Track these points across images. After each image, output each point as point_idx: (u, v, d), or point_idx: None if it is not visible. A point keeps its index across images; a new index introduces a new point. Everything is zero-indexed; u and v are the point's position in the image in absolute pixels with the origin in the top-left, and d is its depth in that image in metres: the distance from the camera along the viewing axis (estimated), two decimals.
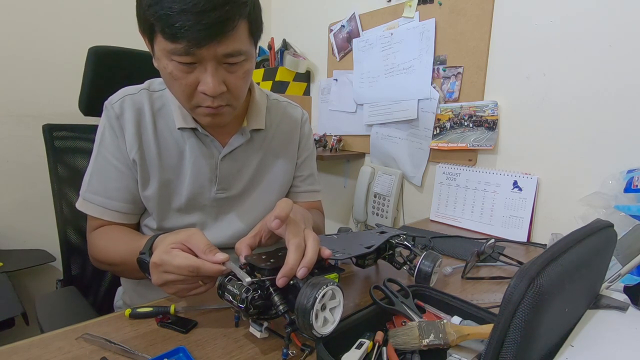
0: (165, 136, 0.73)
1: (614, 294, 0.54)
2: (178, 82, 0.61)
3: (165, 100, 0.74)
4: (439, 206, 1.25)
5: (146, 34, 0.60)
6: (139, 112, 0.72)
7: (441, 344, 0.46)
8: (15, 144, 1.36)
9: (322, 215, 0.95)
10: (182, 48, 0.56)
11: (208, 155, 0.74)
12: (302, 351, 0.49)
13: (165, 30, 0.55)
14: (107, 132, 0.71)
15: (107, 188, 0.71)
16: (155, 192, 0.72)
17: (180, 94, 0.63)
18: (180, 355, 0.48)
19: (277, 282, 0.47)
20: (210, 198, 0.76)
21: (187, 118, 0.72)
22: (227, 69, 0.61)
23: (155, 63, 0.64)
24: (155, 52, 0.61)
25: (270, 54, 1.70)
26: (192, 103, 0.64)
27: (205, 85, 0.60)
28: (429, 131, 1.26)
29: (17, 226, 1.40)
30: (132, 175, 0.72)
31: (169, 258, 0.51)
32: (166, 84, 0.66)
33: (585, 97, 0.94)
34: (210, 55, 0.58)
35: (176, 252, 0.52)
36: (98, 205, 0.71)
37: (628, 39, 0.87)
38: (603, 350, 0.42)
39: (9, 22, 1.30)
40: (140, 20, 0.59)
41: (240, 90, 0.66)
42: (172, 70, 0.59)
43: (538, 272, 0.34)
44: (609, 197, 0.87)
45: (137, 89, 0.73)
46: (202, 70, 0.60)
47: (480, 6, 1.11)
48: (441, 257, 0.67)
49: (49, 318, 0.72)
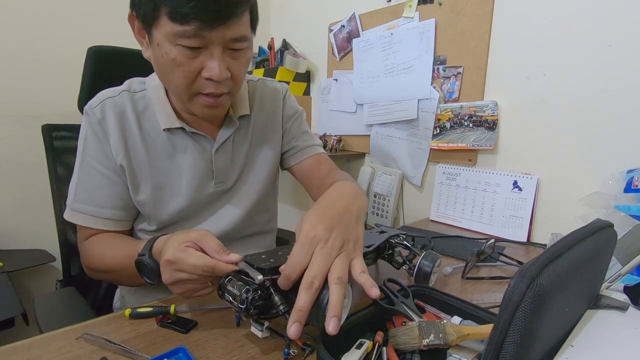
0: (152, 137, 0.71)
1: (614, 294, 0.54)
2: (181, 69, 0.60)
3: (149, 101, 0.72)
4: (439, 206, 1.25)
5: (145, 20, 0.59)
6: (122, 115, 0.69)
7: (441, 344, 0.46)
8: (15, 144, 1.36)
9: (345, 173, 0.80)
10: (191, 30, 0.55)
11: (201, 151, 0.73)
12: (303, 350, 0.49)
13: (176, 10, 0.54)
14: (90, 138, 0.69)
15: (96, 196, 0.69)
16: (148, 196, 0.71)
17: (181, 81, 0.61)
18: (180, 355, 0.48)
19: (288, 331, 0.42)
20: (209, 192, 0.75)
21: (172, 118, 0.70)
22: (231, 55, 0.61)
23: (148, 53, 0.63)
24: (155, 38, 0.59)
25: (270, 54, 1.70)
26: (192, 90, 0.63)
27: (211, 71, 0.59)
28: (429, 131, 1.26)
29: (17, 226, 1.40)
30: (121, 181, 0.70)
31: (184, 256, 0.50)
32: (163, 73, 0.64)
33: (585, 97, 0.94)
34: (218, 39, 0.58)
35: (191, 250, 0.51)
36: (88, 215, 0.69)
37: (628, 39, 0.87)
38: (603, 350, 0.42)
39: (8, 22, 1.30)
40: (142, 5, 0.58)
41: (241, 77, 0.66)
42: (175, 56, 0.58)
43: (538, 272, 0.34)
44: (609, 197, 0.87)
45: (117, 91, 0.71)
46: (207, 56, 0.59)
47: (480, 6, 1.10)
48: (440, 256, 0.67)
49: (48, 319, 0.71)
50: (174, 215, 0.73)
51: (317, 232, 0.46)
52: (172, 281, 0.52)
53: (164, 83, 0.69)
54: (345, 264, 0.45)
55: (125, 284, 0.74)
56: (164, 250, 0.53)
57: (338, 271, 0.43)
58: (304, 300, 0.42)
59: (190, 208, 0.74)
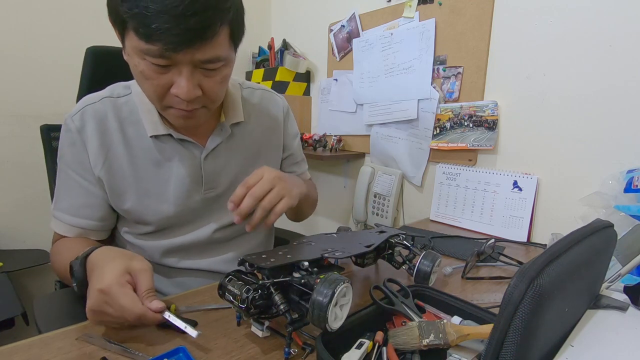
0: (137, 144, 0.69)
1: (614, 294, 0.54)
2: (150, 82, 0.58)
3: (132, 106, 0.69)
4: (439, 206, 1.25)
5: (117, 27, 0.57)
6: (102, 122, 0.67)
7: (441, 344, 0.46)
8: (15, 144, 1.36)
9: (314, 185, 0.99)
10: (156, 50, 0.52)
11: (189, 158, 0.71)
12: (303, 350, 0.49)
13: (139, 30, 0.52)
14: (67, 149, 0.67)
15: (74, 205, 0.68)
16: (134, 204, 0.69)
17: (151, 94, 0.60)
18: (180, 355, 0.48)
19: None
20: (199, 199, 0.74)
21: (158, 125, 0.68)
22: (203, 73, 0.59)
23: (125, 57, 0.60)
24: (127, 48, 0.57)
25: (270, 54, 1.70)
26: (164, 104, 0.61)
27: (178, 89, 0.57)
28: (429, 131, 1.26)
29: (17, 226, 1.40)
30: (98, 192, 0.68)
31: (119, 294, 0.48)
32: (137, 81, 0.62)
33: (585, 97, 0.94)
34: (186, 60, 0.55)
35: (127, 290, 0.49)
36: (66, 224, 0.68)
37: (628, 38, 0.87)
38: (603, 350, 0.42)
39: (8, 22, 1.30)
40: (112, 12, 0.55)
41: (216, 94, 0.63)
42: (144, 69, 0.56)
43: (538, 272, 0.34)
44: (609, 197, 0.87)
45: (98, 97, 0.69)
46: (176, 73, 0.56)
47: (480, 6, 1.10)
48: (440, 256, 0.67)
49: (48, 319, 0.71)
50: (162, 222, 0.72)
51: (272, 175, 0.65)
52: (96, 309, 0.49)
53: (141, 90, 0.66)
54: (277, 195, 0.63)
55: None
56: (100, 274, 0.50)
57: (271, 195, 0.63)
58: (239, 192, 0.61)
59: (179, 214, 0.72)
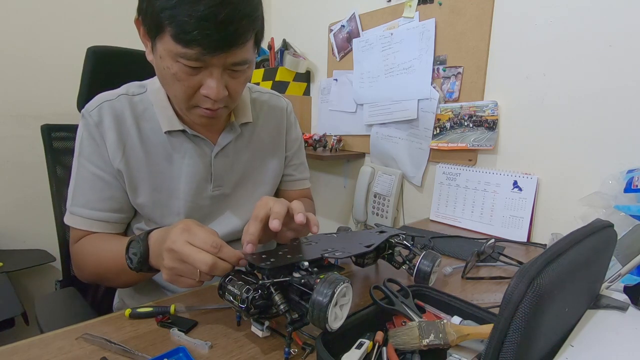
0: (151, 140, 0.72)
1: (614, 294, 0.54)
2: (181, 83, 0.61)
3: (147, 104, 0.72)
4: (439, 206, 1.25)
5: (150, 31, 0.60)
6: (119, 118, 0.70)
7: (441, 344, 0.46)
8: (15, 144, 1.36)
9: (313, 203, 1.00)
10: (193, 53, 0.56)
11: (201, 155, 0.74)
12: (303, 350, 0.49)
13: (179, 35, 0.55)
14: (87, 142, 0.69)
15: (93, 200, 0.69)
16: (147, 198, 0.72)
17: (180, 94, 0.63)
18: (180, 355, 0.48)
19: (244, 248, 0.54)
20: (207, 196, 0.76)
21: (173, 120, 0.71)
22: (230, 74, 0.63)
23: (151, 57, 0.64)
24: (158, 50, 0.60)
25: (270, 54, 1.70)
26: (191, 103, 0.65)
27: (209, 90, 0.61)
28: (429, 131, 1.26)
29: (17, 226, 1.40)
30: (117, 184, 0.70)
31: (197, 229, 0.52)
32: (164, 81, 0.65)
33: (585, 97, 0.94)
34: (219, 63, 0.59)
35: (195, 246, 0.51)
36: (86, 218, 0.69)
37: (628, 38, 0.86)
38: (603, 350, 0.42)
39: (8, 22, 1.30)
40: (147, 17, 0.58)
41: (239, 94, 0.68)
42: (176, 72, 0.60)
43: (538, 272, 0.34)
44: (609, 197, 0.87)
45: (114, 95, 0.71)
46: (207, 74, 0.61)
47: (480, 6, 1.10)
48: (440, 256, 0.67)
49: (48, 319, 0.71)
50: (173, 217, 0.74)
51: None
52: (169, 266, 0.51)
53: (165, 90, 0.70)
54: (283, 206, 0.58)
55: (122, 282, 0.74)
56: (167, 238, 0.52)
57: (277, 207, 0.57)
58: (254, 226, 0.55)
59: (189, 211, 0.74)
